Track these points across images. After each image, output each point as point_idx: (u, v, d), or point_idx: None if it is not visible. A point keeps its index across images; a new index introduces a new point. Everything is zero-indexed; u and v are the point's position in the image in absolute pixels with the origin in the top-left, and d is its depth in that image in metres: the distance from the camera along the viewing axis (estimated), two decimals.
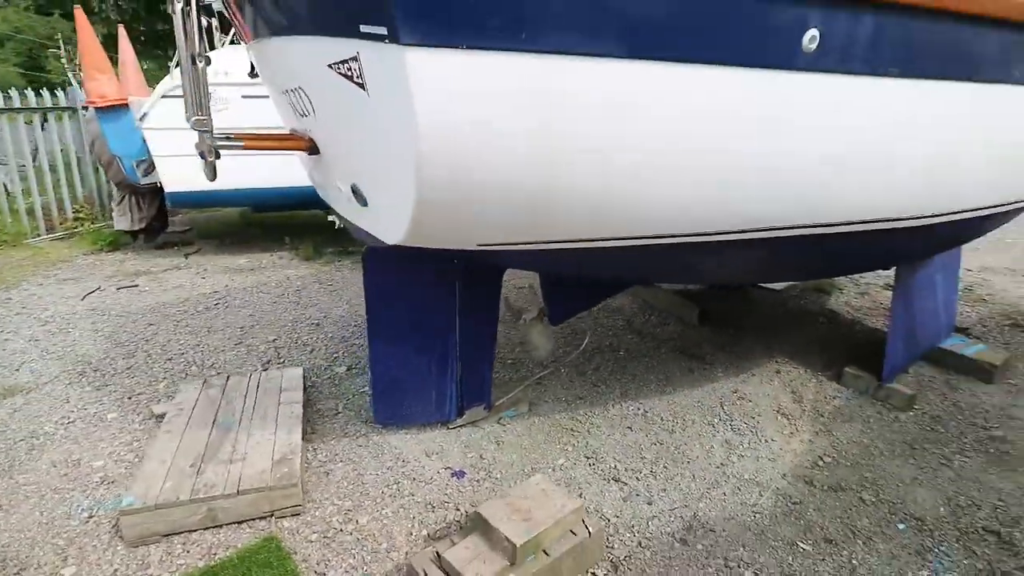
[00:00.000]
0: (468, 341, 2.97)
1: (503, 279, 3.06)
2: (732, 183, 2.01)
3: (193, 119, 2.04)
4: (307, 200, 6.31)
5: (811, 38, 1.73)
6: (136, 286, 5.63)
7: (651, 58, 1.59)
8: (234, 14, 2.35)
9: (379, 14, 1.39)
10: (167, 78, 6.38)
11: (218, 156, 2.13)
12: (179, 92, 5.25)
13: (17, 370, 3.86)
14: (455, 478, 2.75)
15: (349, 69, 1.61)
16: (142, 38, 14.01)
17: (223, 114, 5.66)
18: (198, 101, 2.04)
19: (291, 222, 8.06)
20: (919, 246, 3.27)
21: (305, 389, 3.31)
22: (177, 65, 5.34)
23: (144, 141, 5.96)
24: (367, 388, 3.54)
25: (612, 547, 2.35)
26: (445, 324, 2.86)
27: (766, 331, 4.46)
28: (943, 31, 2.00)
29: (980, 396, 3.61)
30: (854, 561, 2.30)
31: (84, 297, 5.29)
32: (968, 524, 2.52)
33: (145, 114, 5.67)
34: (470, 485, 2.71)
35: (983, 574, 2.24)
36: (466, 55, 1.44)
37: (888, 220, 2.58)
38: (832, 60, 1.81)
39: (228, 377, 3.33)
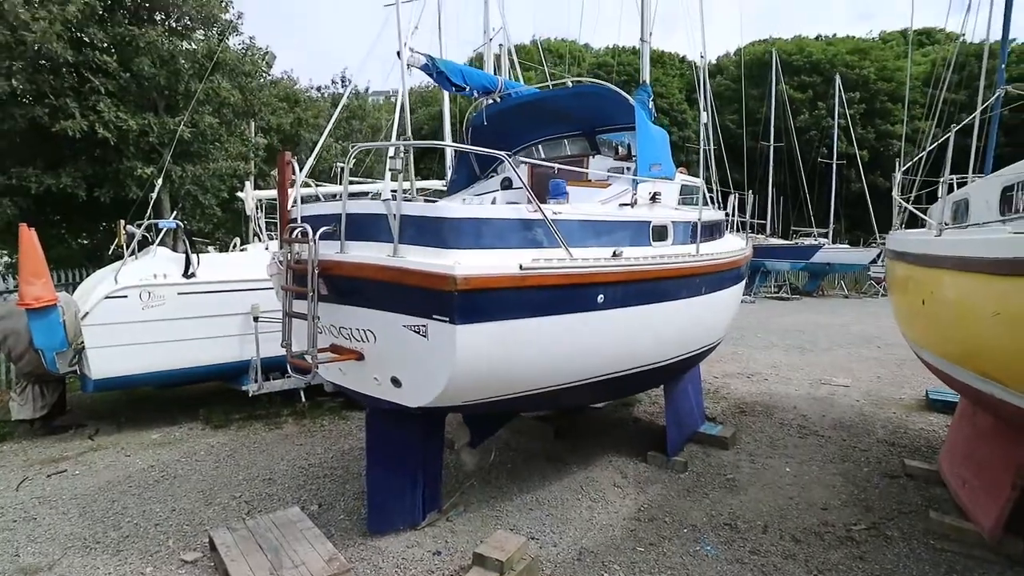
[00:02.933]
0: (429, 466, 4.62)
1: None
2: (583, 358, 4.23)
3: (309, 350, 3.63)
4: (213, 374, 7.36)
5: (600, 297, 4.08)
6: (65, 471, 6.03)
7: (544, 315, 3.79)
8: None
9: (443, 313, 3.37)
10: (95, 276, 7.26)
11: (317, 367, 3.71)
12: (120, 294, 6.38)
13: (17, 556, 4.38)
14: (436, 556, 4.27)
15: (419, 329, 3.49)
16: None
17: (160, 308, 6.80)
18: (313, 338, 3.65)
19: (183, 395, 8.61)
20: (669, 373, 5.83)
21: None
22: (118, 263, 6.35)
23: (65, 335, 6.63)
24: (344, 516, 4.87)
25: (543, 568, 4.09)
26: (418, 456, 4.51)
27: (599, 436, 6.72)
28: (644, 284, 4.55)
29: (722, 457, 6.17)
30: (666, 547, 4.35)
31: (19, 486, 5.61)
32: (718, 523, 4.77)
33: (87, 312, 6.46)
34: (448, 557, 4.25)
35: (725, 545, 4.44)
36: (477, 326, 3.46)
37: (651, 364, 5.04)
38: (613, 303, 4.19)
39: (244, 521, 4.44)
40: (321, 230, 3.69)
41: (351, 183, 4.65)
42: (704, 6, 7.20)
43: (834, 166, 28.06)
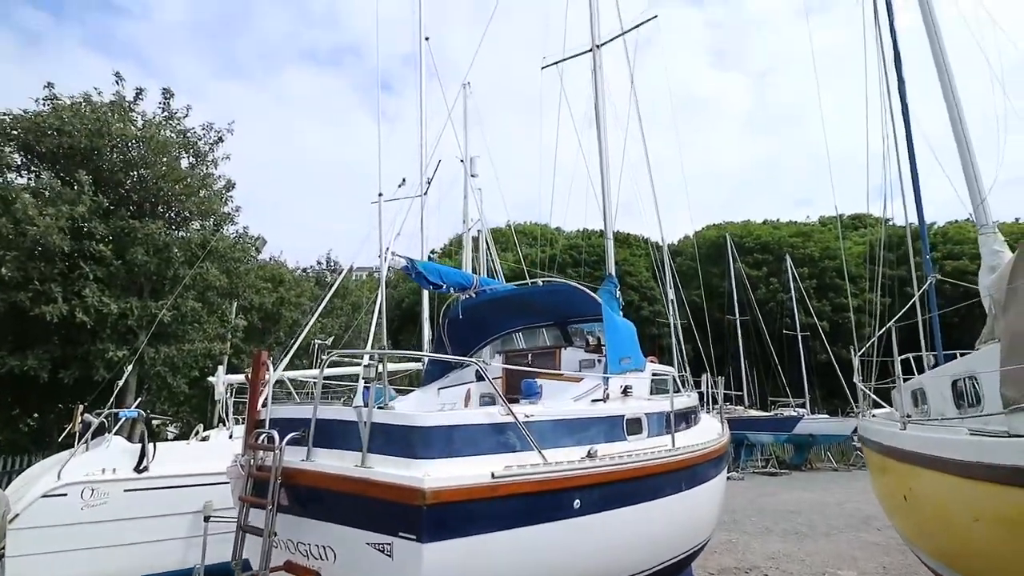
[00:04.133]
0: None
1: None
2: (562, 571, 3.92)
3: (261, 572, 3.31)
4: None
5: (576, 503, 3.91)
6: None
7: (518, 525, 3.58)
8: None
9: (410, 531, 3.16)
10: (38, 466, 6.79)
11: None
12: (59, 492, 5.92)
13: None
14: None
15: (383, 548, 3.24)
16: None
17: (102, 507, 6.27)
18: (267, 556, 3.34)
19: None
20: None
21: None
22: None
23: None
24: None
25: None
26: None
27: None
28: (622, 485, 4.39)
29: None
30: None
31: None
32: None
33: (17, 515, 5.87)
34: None
35: None
36: (441, 543, 3.23)
37: (637, 573, 4.66)
38: (590, 508, 4.00)
39: None
40: (288, 436, 3.60)
41: (325, 378, 4.64)
42: (661, 197, 8.10)
43: (799, 337, 29.29)
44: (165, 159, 13.08)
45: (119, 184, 12.79)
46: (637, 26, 9.36)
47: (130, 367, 9.32)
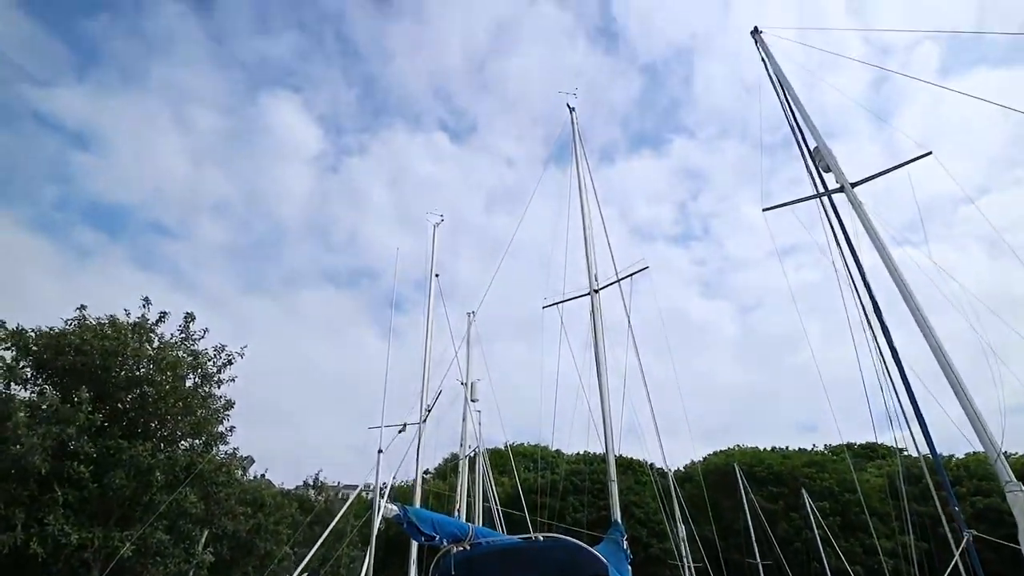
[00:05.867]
0: None
1: None
2: None
3: None
4: None
5: None
6: None
7: None
8: None
9: None
10: None
11: None
12: None
13: None
14: None
15: None
16: None
17: None
18: None
19: None
20: None
21: None
22: None
23: None
24: None
25: None
26: None
27: None
28: None
29: None
30: None
31: None
32: None
33: None
34: None
35: None
36: None
37: None
38: None
39: None
40: None
41: None
42: (663, 421, 7.89)
43: None
44: (170, 377, 13.25)
45: (119, 401, 12.74)
46: (630, 275, 10.30)
47: None
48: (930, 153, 8.39)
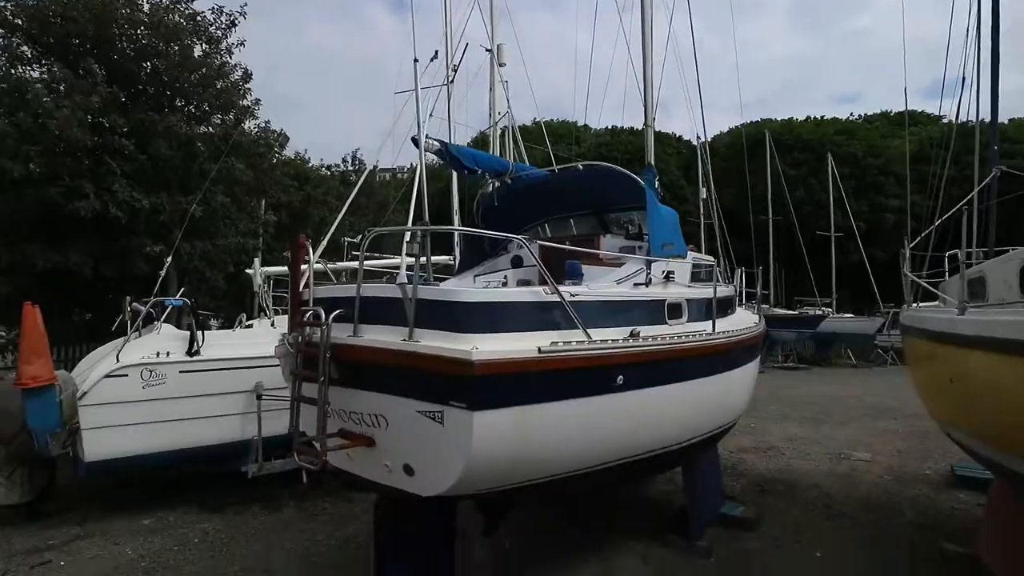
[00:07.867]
0: (441, 556, 4.33)
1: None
2: (602, 442, 4.06)
3: (318, 437, 3.48)
4: (210, 456, 6.99)
5: (620, 378, 3.96)
6: (49, 562, 5.65)
7: (563, 398, 3.66)
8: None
9: (461, 400, 3.24)
10: (96, 352, 7.15)
11: (326, 455, 3.54)
12: (120, 373, 6.24)
13: None
14: None
15: (434, 415, 3.36)
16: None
17: (160, 387, 6.64)
18: (322, 425, 3.50)
19: (176, 477, 8.10)
20: (689, 454, 5.58)
21: None
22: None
23: (60, 415, 6.42)
24: None
25: None
26: (430, 546, 4.25)
27: (613, 517, 6.35)
28: (664, 364, 4.43)
29: (746, 542, 5.82)
30: None
31: None
32: None
33: (85, 392, 6.28)
34: None
35: None
36: (494, 412, 3.33)
37: (672, 446, 4.84)
38: (632, 385, 4.05)
39: None
40: (334, 313, 3.62)
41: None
42: (697, 94, 7.47)
43: (832, 239, 28.51)
44: (177, 47, 12.51)
45: (133, 76, 12.37)
46: None
47: (169, 259, 9.52)
48: None
